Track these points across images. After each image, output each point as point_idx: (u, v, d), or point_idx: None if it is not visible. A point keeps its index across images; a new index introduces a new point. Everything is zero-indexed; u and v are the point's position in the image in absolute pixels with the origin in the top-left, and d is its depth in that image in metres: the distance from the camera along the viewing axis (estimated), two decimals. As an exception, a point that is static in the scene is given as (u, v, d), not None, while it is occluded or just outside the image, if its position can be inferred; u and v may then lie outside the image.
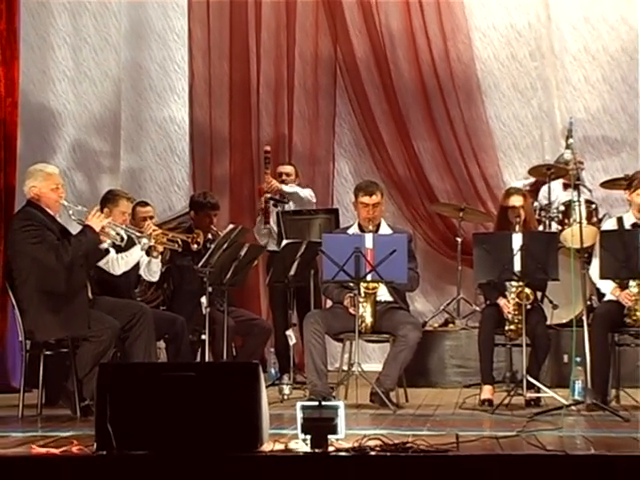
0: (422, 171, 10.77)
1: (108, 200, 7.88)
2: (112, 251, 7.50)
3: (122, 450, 5.11)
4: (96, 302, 7.37)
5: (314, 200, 9.85)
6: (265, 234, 9.52)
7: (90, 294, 7.34)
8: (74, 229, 7.25)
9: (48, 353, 7.22)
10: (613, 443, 5.91)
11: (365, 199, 8.11)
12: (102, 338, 7.05)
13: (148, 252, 7.72)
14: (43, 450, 5.34)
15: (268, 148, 9.91)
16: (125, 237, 7.41)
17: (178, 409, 5.21)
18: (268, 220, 9.48)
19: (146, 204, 8.75)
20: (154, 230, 7.74)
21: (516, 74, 10.86)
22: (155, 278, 8.01)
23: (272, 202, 9.59)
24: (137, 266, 7.76)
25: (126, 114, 10.12)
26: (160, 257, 7.88)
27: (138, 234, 7.54)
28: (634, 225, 7.89)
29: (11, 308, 7.47)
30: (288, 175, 9.83)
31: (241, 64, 10.69)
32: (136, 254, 7.62)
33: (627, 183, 8.39)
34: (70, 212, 7.29)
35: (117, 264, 7.59)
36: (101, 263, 7.47)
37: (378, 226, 8.12)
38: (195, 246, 8.11)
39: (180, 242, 7.89)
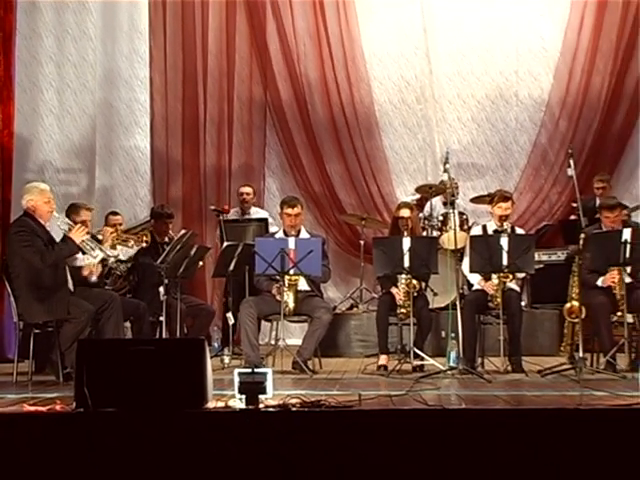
0: (333, 188, 10.80)
1: (72, 211, 7.80)
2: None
3: (96, 408, 5.08)
4: (76, 291, 7.32)
5: (266, 215, 9.91)
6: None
7: (72, 287, 7.29)
8: (58, 235, 7.21)
9: (37, 331, 7.16)
10: (479, 399, 5.98)
11: (288, 210, 8.14)
12: (80, 319, 7.04)
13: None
14: (32, 408, 5.33)
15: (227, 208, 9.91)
16: (94, 246, 7.43)
17: (141, 375, 5.19)
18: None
19: (116, 213, 8.77)
20: (111, 236, 7.71)
21: (405, 114, 10.92)
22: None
23: (215, 213, 9.61)
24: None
25: (100, 143, 10.05)
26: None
27: (98, 247, 7.48)
28: (495, 231, 8.01)
29: (7, 296, 7.41)
30: (248, 194, 9.87)
31: (191, 104, 10.66)
32: (87, 260, 7.56)
33: (490, 199, 8.52)
34: (58, 222, 7.27)
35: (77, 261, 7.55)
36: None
37: (299, 232, 8.14)
38: (144, 244, 8.03)
39: (130, 243, 7.89)
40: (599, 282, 7.67)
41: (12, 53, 7.92)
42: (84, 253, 7.47)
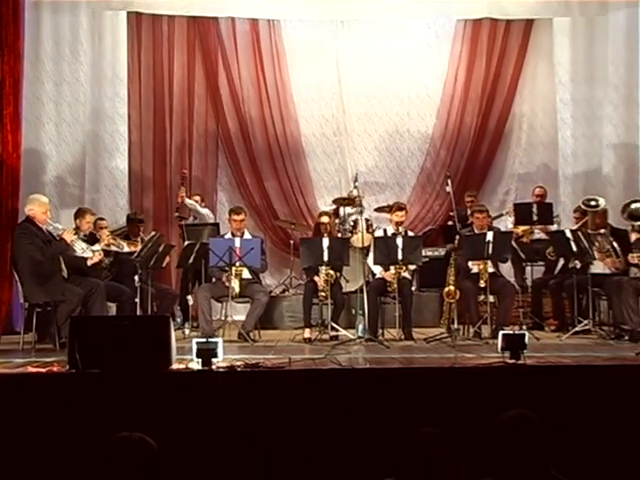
0: (269, 200, 10.76)
1: (79, 214, 7.82)
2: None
3: (85, 369, 5.04)
4: (70, 279, 7.25)
5: (212, 216, 9.80)
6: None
7: (66, 275, 7.22)
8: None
9: (38, 310, 7.06)
10: (380, 361, 6.03)
11: (235, 217, 8.14)
12: (73, 301, 6.95)
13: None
14: (35, 370, 5.32)
15: (185, 171, 9.85)
16: (84, 247, 7.43)
17: (120, 344, 5.15)
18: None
19: (102, 219, 8.65)
20: (107, 237, 7.74)
21: (325, 144, 10.92)
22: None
23: (178, 217, 9.56)
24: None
25: (89, 164, 9.90)
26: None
27: (93, 248, 7.50)
28: (393, 234, 8.07)
29: (15, 283, 7.34)
30: (198, 201, 9.79)
31: (160, 134, 10.57)
32: (83, 253, 7.48)
33: (389, 209, 8.60)
34: (51, 227, 7.22)
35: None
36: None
37: (243, 233, 8.13)
38: (133, 248, 7.99)
39: (123, 245, 7.88)
40: (470, 265, 7.84)
41: (20, 94, 7.82)
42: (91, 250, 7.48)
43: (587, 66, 10.10)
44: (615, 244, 7.86)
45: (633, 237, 7.48)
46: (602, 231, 8.04)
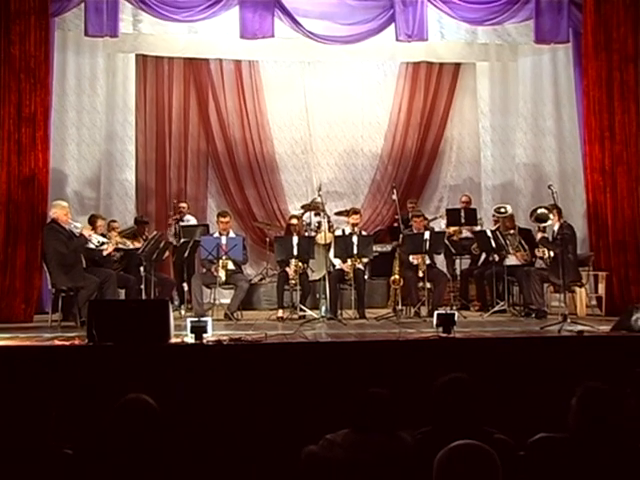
0: (250, 206, 10.70)
1: (92, 220, 7.84)
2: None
3: (100, 342, 5.00)
4: (88, 269, 7.22)
5: (194, 221, 9.67)
6: (173, 237, 9.34)
7: (85, 265, 7.22)
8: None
9: (63, 294, 6.99)
10: (339, 335, 6.06)
11: (222, 219, 8.12)
12: (91, 287, 6.92)
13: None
14: (60, 343, 5.34)
15: (175, 201, 9.68)
16: (100, 240, 7.39)
17: (128, 322, 5.11)
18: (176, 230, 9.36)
19: (114, 221, 8.60)
20: (115, 237, 7.76)
21: (295, 160, 10.85)
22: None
23: (176, 221, 9.47)
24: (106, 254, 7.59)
25: (103, 177, 9.77)
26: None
27: (105, 240, 7.48)
28: (350, 233, 8.07)
29: (44, 272, 7.28)
30: (184, 208, 9.67)
31: (161, 153, 10.47)
32: (100, 245, 7.44)
33: (346, 213, 8.60)
34: (72, 226, 7.18)
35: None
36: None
37: (228, 233, 8.10)
38: (137, 245, 7.95)
39: (128, 243, 7.87)
40: (411, 258, 7.87)
41: (49, 121, 7.80)
42: (102, 243, 7.44)
43: (502, 100, 10.25)
44: (522, 241, 8.02)
45: (539, 236, 7.59)
46: (512, 231, 8.17)
